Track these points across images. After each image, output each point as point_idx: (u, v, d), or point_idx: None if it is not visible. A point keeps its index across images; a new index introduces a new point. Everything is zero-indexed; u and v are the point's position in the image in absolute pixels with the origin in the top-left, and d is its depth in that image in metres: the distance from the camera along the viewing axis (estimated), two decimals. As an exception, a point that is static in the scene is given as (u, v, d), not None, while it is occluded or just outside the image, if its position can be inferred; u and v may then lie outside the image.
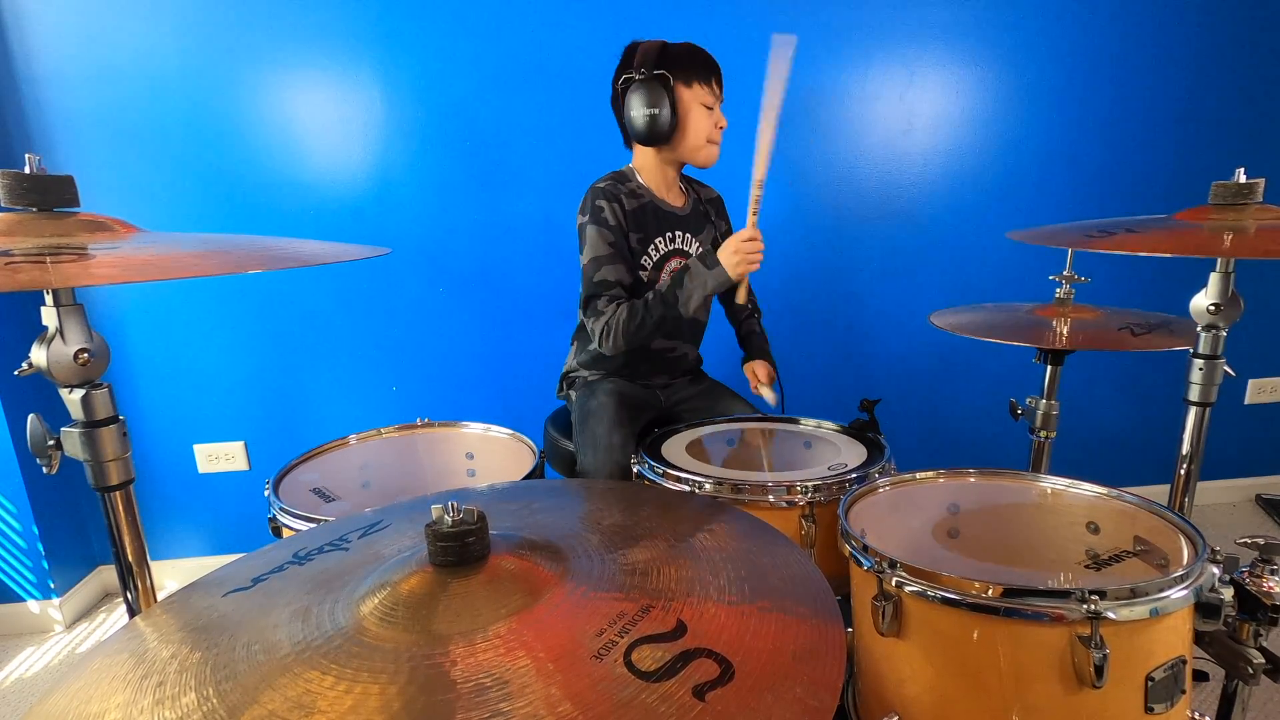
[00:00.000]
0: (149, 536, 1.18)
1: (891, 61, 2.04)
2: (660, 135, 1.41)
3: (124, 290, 2.00)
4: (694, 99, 1.41)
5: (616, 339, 1.39)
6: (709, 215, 1.62)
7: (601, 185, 1.45)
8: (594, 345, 1.45)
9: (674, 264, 1.52)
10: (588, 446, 1.39)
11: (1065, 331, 1.33)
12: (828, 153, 2.09)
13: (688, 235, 1.54)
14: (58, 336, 0.75)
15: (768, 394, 1.55)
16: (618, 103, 1.44)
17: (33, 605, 2.00)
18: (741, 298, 1.40)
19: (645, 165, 1.50)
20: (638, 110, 1.39)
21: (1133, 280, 2.25)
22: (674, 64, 1.39)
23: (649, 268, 1.49)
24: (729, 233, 1.67)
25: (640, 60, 1.39)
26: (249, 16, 1.86)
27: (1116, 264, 2.19)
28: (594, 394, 1.48)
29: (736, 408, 1.53)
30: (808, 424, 1.40)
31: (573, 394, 1.60)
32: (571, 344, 1.66)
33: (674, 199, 1.54)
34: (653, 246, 1.49)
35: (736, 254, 1.32)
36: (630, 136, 1.47)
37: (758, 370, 1.60)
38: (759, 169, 1.29)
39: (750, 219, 1.32)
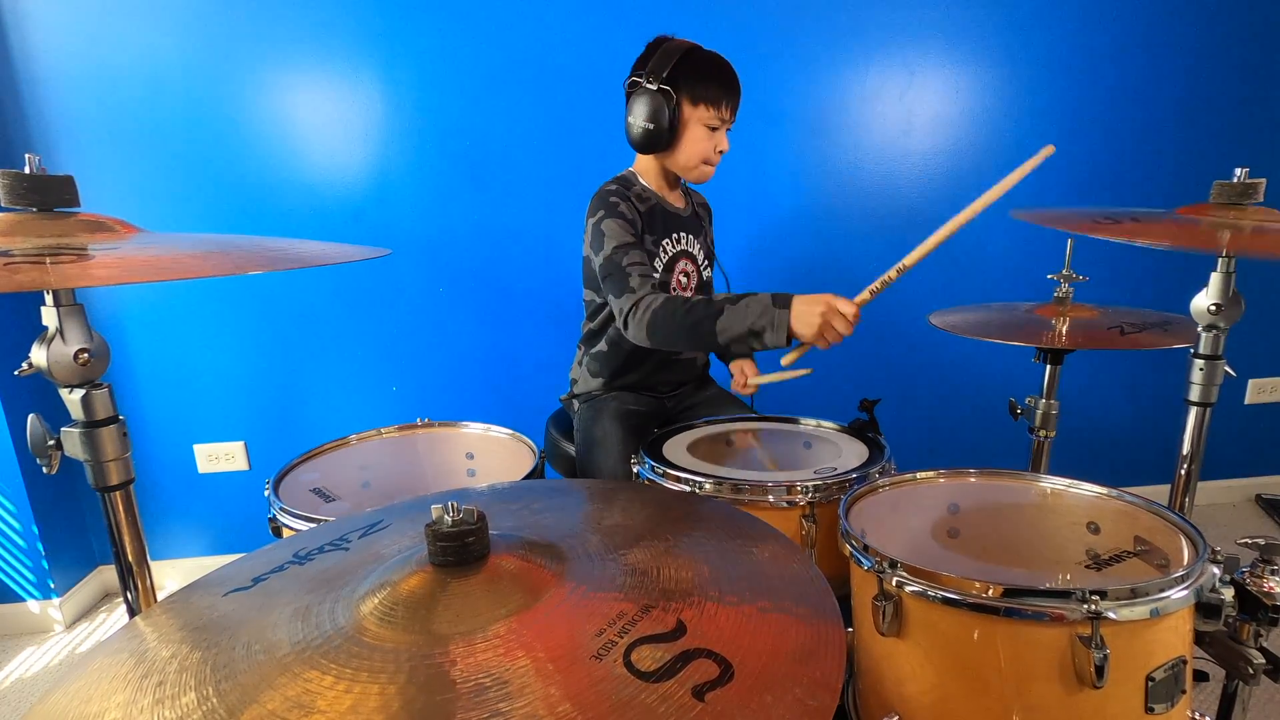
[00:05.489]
0: (149, 536, 1.18)
1: (891, 61, 2.04)
2: (654, 148, 1.39)
3: (124, 290, 2.00)
4: (697, 119, 1.36)
5: (642, 323, 1.24)
6: (703, 219, 1.62)
7: (611, 188, 1.43)
8: (618, 325, 1.33)
9: (682, 265, 1.52)
10: (592, 477, 1.41)
11: (1064, 330, 1.33)
12: (828, 153, 2.09)
13: (690, 236, 1.54)
14: (58, 336, 0.75)
15: (780, 376, 1.41)
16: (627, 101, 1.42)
17: (33, 605, 2.00)
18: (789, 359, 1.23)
19: (648, 168, 1.49)
20: (637, 118, 1.36)
21: (1133, 280, 2.24)
22: (686, 78, 1.34)
23: (659, 270, 1.48)
24: (713, 242, 1.67)
25: (654, 65, 1.34)
26: (249, 17, 1.85)
27: (1117, 264, 2.19)
28: (599, 418, 1.47)
29: (741, 413, 1.53)
30: (807, 424, 1.40)
31: (576, 404, 1.60)
32: (578, 349, 1.65)
33: (676, 200, 1.54)
34: (661, 249, 1.48)
35: (825, 324, 1.10)
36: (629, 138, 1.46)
37: (746, 367, 1.60)
38: (911, 259, 1.10)
39: (864, 296, 1.12)
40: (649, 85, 1.34)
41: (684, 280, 1.53)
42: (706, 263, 1.59)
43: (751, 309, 1.15)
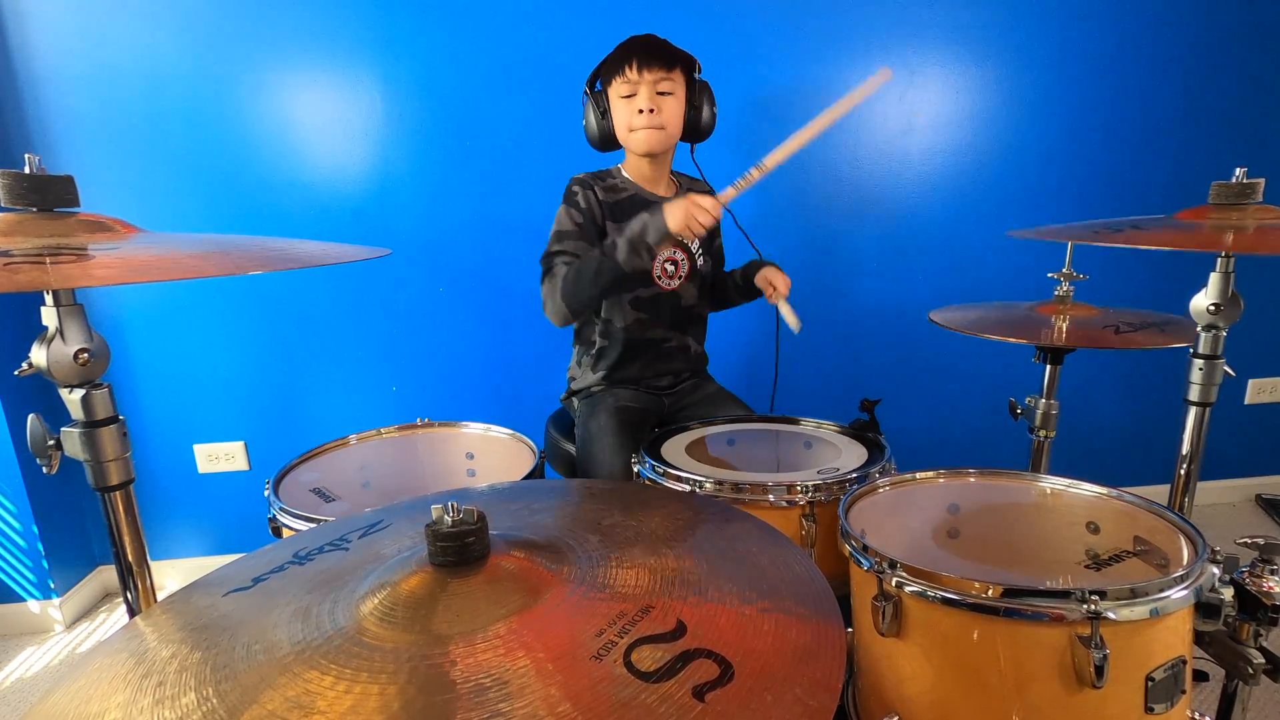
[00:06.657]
0: (149, 536, 1.18)
1: (892, 61, 2.04)
2: (609, 143, 1.48)
3: (124, 290, 2.00)
4: (615, 95, 1.44)
5: (557, 299, 1.36)
6: None
7: (580, 176, 1.50)
8: (547, 312, 1.41)
9: (669, 254, 1.51)
10: (589, 473, 1.41)
11: (1065, 328, 1.33)
12: (828, 152, 2.09)
13: None
14: (58, 336, 0.75)
15: (788, 311, 1.40)
16: None
17: (33, 605, 2.00)
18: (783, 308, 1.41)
19: (629, 162, 1.54)
20: (586, 126, 1.48)
21: (1132, 280, 2.24)
22: (604, 69, 1.44)
23: None
24: (718, 231, 1.67)
25: (589, 79, 1.47)
26: (249, 17, 1.85)
27: (1117, 264, 2.19)
28: (594, 413, 1.47)
29: (740, 414, 1.52)
30: (808, 424, 1.40)
31: (575, 401, 1.60)
32: (574, 347, 1.65)
33: (663, 191, 1.55)
34: None
35: (687, 213, 1.22)
36: None
37: (773, 278, 1.48)
38: (771, 159, 1.20)
39: (729, 192, 1.22)
40: (586, 94, 1.47)
41: (670, 269, 1.52)
42: (701, 251, 1.57)
43: (633, 227, 1.27)
